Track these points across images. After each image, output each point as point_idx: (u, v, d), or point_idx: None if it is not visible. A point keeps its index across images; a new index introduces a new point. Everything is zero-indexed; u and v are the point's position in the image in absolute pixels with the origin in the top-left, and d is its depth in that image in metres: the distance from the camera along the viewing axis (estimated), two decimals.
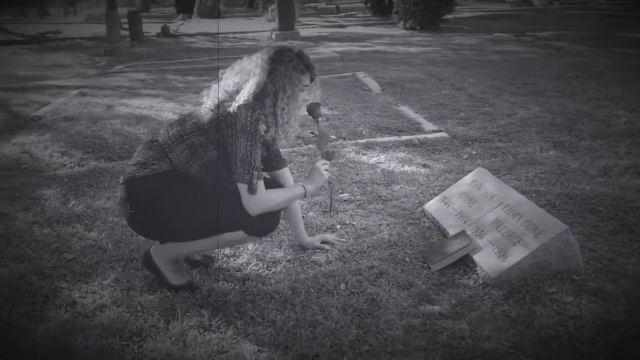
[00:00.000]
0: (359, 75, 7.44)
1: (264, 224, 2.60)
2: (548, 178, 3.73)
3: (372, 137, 4.75)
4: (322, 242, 3.03)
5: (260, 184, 2.48)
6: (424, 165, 4.14)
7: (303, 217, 3.37)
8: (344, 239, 3.08)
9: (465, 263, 2.77)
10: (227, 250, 2.99)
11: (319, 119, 2.74)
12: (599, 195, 3.38)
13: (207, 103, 2.58)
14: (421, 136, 4.70)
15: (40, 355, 2.21)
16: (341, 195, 3.65)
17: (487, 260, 2.67)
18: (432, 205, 3.31)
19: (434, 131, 4.84)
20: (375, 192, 3.68)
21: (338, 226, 3.25)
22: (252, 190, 2.44)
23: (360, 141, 4.65)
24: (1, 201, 3.72)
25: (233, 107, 2.44)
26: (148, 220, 2.58)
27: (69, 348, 2.25)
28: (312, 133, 2.84)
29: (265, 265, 2.86)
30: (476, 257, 2.72)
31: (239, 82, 2.54)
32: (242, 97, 2.46)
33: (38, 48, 13.51)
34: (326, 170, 2.68)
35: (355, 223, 3.27)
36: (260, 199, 2.48)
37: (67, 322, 2.42)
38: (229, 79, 2.59)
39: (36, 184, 4.00)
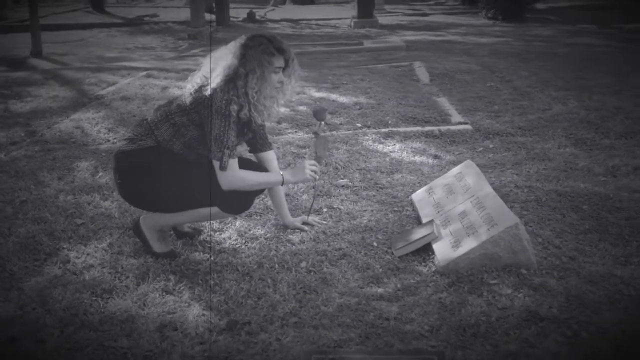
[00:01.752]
0: (414, 65, 7.47)
1: (237, 203, 2.84)
2: (547, 174, 3.70)
3: (396, 127, 4.85)
4: (303, 223, 3.22)
5: (233, 162, 2.70)
6: (435, 156, 4.20)
7: (297, 199, 3.58)
8: (324, 222, 3.25)
9: (427, 251, 2.86)
10: (215, 225, 3.25)
11: (322, 122, 2.94)
12: (589, 193, 3.33)
13: (188, 87, 2.83)
14: (444, 128, 4.74)
15: (20, 302, 2.56)
16: (341, 180, 3.81)
17: (442, 250, 2.75)
18: (418, 195, 3.40)
19: (459, 123, 4.86)
20: (375, 180, 3.81)
21: (325, 209, 3.42)
22: (222, 167, 2.68)
23: (382, 130, 4.76)
24: (42, 170, 4.16)
25: (209, 90, 2.67)
26: (132, 191, 2.87)
27: (46, 298, 2.58)
28: (314, 133, 3.02)
29: (243, 241, 3.09)
30: (435, 246, 2.81)
31: (215, 67, 2.77)
32: (215, 80, 2.69)
33: (133, 31, 14.38)
34: (313, 171, 2.87)
35: (342, 207, 3.43)
36: (231, 176, 2.71)
37: (55, 277, 2.76)
38: (207, 65, 2.83)
39: (77, 157, 4.42)
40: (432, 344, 2.17)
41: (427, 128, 4.75)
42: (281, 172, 2.88)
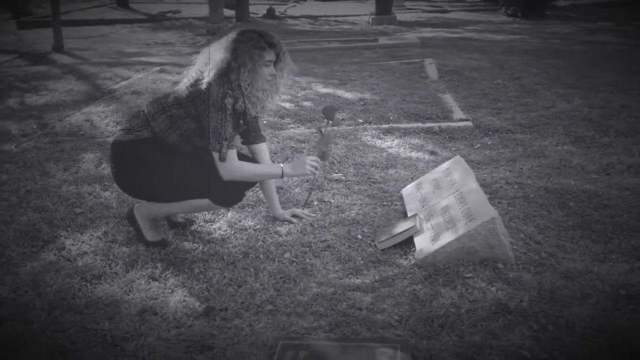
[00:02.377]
0: (425, 62, 7.48)
1: (228, 196, 2.93)
2: (540, 171, 3.71)
3: (397, 123, 4.88)
4: (292, 216, 3.29)
5: (231, 153, 2.80)
6: (431, 153, 4.24)
7: (289, 192, 3.65)
8: (313, 215, 3.31)
9: (409, 244, 2.91)
10: (207, 216, 3.33)
11: (330, 121, 3.04)
12: (578, 191, 3.34)
13: (184, 81, 2.93)
14: (445, 124, 4.76)
15: (14, 286, 2.68)
16: (334, 174, 3.87)
17: (421, 243, 2.80)
18: (407, 190, 3.45)
19: (461, 120, 4.88)
20: (368, 175, 3.86)
21: (315, 202, 3.48)
22: (222, 158, 2.78)
23: (383, 126, 4.80)
24: (49, 161, 4.30)
25: (205, 84, 2.76)
26: (127, 180, 2.98)
27: (38, 283, 2.69)
28: (319, 129, 3.10)
29: (232, 231, 3.17)
30: (416, 240, 2.86)
31: (208, 61, 2.86)
32: (210, 75, 2.78)
33: (154, 26, 14.55)
34: (314, 167, 2.94)
35: (333, 201, 3.49)
36: (231, 166, 2.81)
37: (49, 263, 2.88)
38: (202, 60, 2.92)
39: (83, 149, 4.55)
40: (398, 333, 2.22)
41: (428, 124, 4.78)
42: (281, 165, 2.96)
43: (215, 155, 2.78)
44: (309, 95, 5.82)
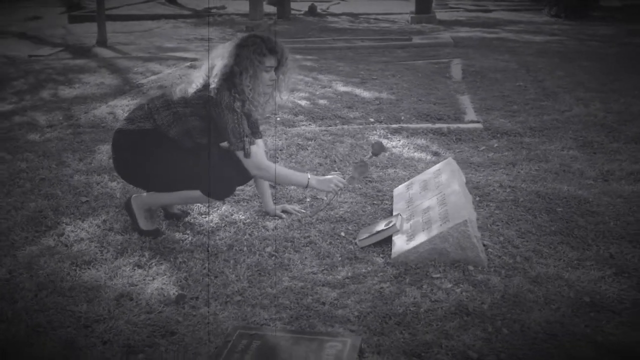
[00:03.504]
0: (452, 63, 7.45)
1: (219, 190, 3.06)
2: (537, 175, 3.69)
3: (407, 123, 4.91)
4: (283, 211, 3.39)
5: (255, 149, 2.97)
6: (434, 153, 4.25)
7: (285, 188, 3.74)
8: (303, 211, 3.40)
9: (389, 244, 2.96)
10: (202, 208, 3.46)
11: (374, 157, 3.27)
12: (568, 196, 3.32)
13: (193, 85, 3.03)
14: (454, 125, 4.76)
15: (11, 268, 2.86)
16: (332, 173, 3.93)
17: (398, 242, 2.85)
18: (398, 189, 3.49)
19: (471, 121, 4.86)
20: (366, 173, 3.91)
21: (308, 199, 3.56)
22: (247, 154, 2.93)
23: (392, 126, 4.84)
24: (67, 151, 4.51)
25: (213, 91, 2.89)
26: (125, 167, 3.13)
27: (31, 266, 2.86)
28: (361, 159, 3.27)
29: (223, 224, 3.28)
30: (394, 239, 2.91)
31: (213, 66, 2.98)
32: (215, 79, 2.91)
33: (197, 22, 14.87)
34: (338, 187, 3.08)
35: (325, 198, 3.55)
36: (257, 161, 2.97)
37: (47, 248, 3.05)
38: (207, 64, 3.05)
39: (102, 140, 4.75)
40: (352, 329, 2.28)
41: (437, 125, 4.79)
42: (308, 176, 3.08)
43: (240, 153, 2.93)
44: (327, 93, 5.89)
